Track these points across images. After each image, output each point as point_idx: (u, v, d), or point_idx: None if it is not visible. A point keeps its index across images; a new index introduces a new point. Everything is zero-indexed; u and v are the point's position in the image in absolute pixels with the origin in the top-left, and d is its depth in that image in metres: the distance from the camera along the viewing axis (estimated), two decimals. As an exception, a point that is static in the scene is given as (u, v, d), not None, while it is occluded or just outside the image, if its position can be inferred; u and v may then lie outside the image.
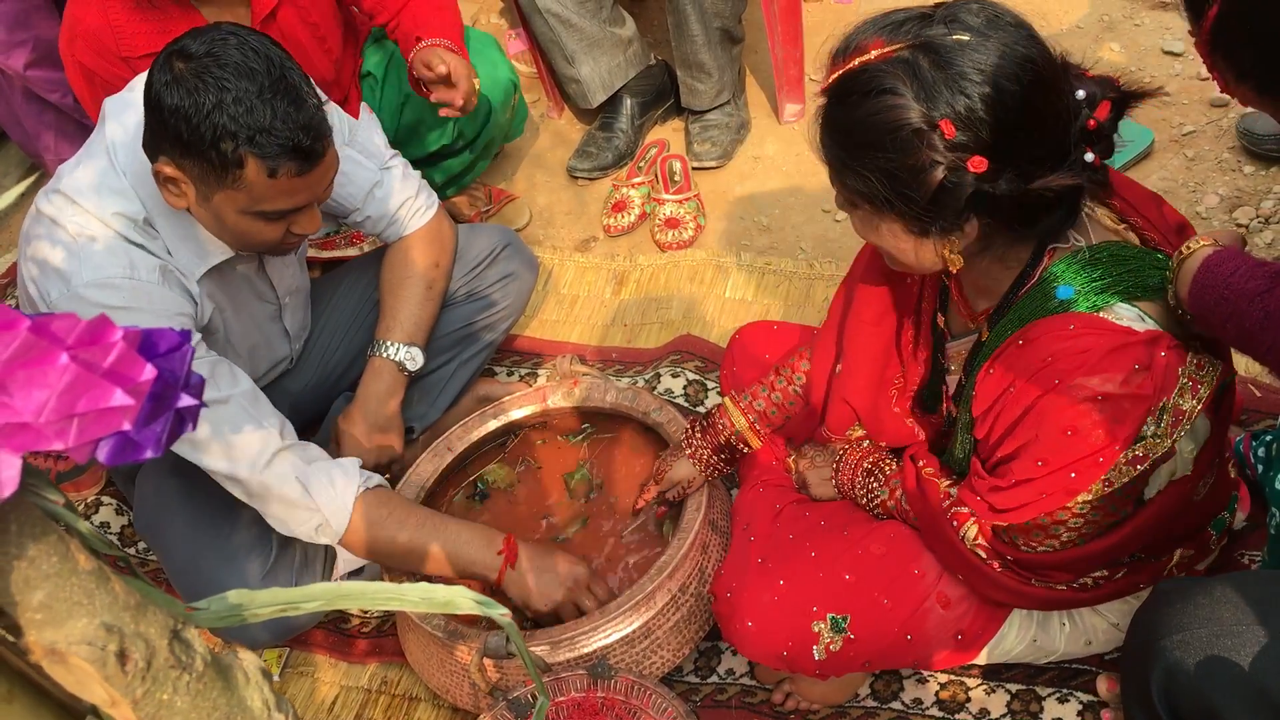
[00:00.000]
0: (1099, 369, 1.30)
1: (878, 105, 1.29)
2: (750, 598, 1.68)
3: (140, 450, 0.51)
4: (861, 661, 1.65)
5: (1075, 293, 1.35)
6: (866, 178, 1.34)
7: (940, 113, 1.26)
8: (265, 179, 1.64)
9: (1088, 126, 1.30)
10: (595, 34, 2.86)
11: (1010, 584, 1.54)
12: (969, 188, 1.27)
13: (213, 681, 0.59)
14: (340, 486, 1.86)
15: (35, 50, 2.87)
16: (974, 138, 1.26)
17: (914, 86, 1.27)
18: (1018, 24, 1.31)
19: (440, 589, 0.74)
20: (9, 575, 0.51)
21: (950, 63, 1.26)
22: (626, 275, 2.73)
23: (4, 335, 0.45)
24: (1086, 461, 1.35)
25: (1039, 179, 1.28)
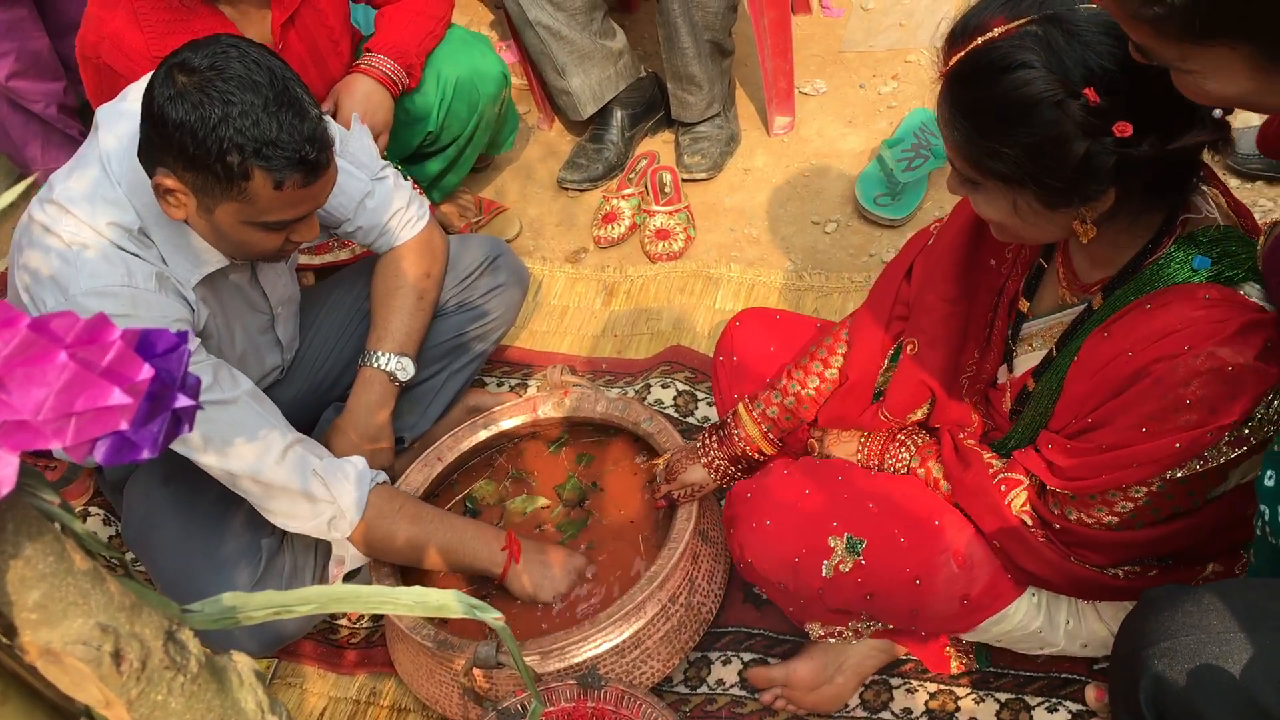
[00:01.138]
0: (1232, 341, 1.28)
1: (1013, 81, 1.26)
2: (774, 497, 1.67)
3: (137, 450, 0.51)
4: (865, 593, 1.63)
5: (1211, 265, 1.33)
6: (1004, 155, 1.31)
7: (1079, 81, 1.23)
8: (271, 191, 1.65)
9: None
10: (586, 46, 2.87)
11: (1049, 556, 1.52)
12: (1112, 155, 1.25)
13: (207, 683, 0.59)
14: (353, 480, 1.89)
15: (19, 61, 2.87)
16: (1115, 103, 1.23)
17: (1048, 58, 1.24)
18: None
19: (433, 593, 0.74)
20: (5, 574, 0.51)
21: (1080, 29, 1.24)
22: (616, 286, 2.73)
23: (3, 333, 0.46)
24: (1197, 433, 1.33)
25: (1177, 138, 1.26)
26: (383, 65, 2.39)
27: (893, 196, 2.67)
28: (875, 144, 2.86)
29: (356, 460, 1.94)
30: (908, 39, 3.17)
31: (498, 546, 1.94)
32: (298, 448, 1.85)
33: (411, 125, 2.54)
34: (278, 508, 1.87)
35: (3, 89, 2.91)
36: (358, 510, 1.88)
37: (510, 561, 1.93)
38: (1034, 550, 1.54)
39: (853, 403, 1.78)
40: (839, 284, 2.55)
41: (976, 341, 1.68)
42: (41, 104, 2.98)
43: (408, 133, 2.55)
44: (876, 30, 3.24)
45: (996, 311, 1.66)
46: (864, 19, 3.30)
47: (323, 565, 2.06)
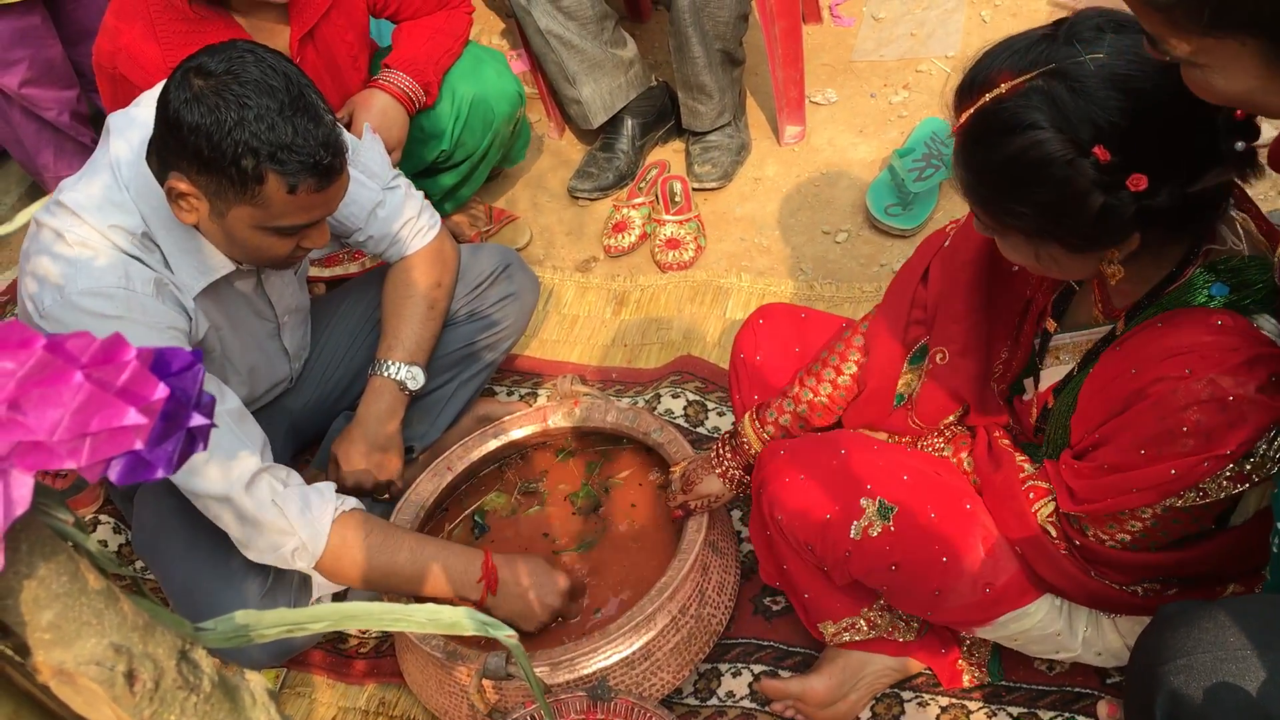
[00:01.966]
0: (1237, 371, 1.27)
1: (1023, 142, 1.25)
2: (808, 457, 1.65)
3: (152, 470, 0.51)
4: (890, 562, 1.60)
5: (1229, 292, 1.32)
6: (1022, 214, 1.31)
7: (1089, 139, 1.22)
8: (285, 195, 1.66)
9: (1235, 115, 1.24)
10: (597, 55, 2.87)
11: (1070, 569, 1.51)
12: (1131, 206, 1.24)
13: (220, 703, 0.59)
14: (316, 509, 1.84)
15: (31, 69, 2.88)
16: (1128, 156, 1.22)
17: (1055, 116, 1.23)
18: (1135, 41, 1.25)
19: (446, 610, 0.74)
20: (19, 594, 0.51)
21: (1086, 83, 1.23)
22: (627, 295, 2.73)
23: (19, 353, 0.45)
24: (1190, 460, 1.31)
25: (1197, 181, 1.25)
26: (400, 81, 2.39)
27: (904, 206, 2.67)
28: (886, 153, 2.86)
29: (325, 488, 1.88)
30: (919, 48, 3.16)
31: (473, 575, 1.88)
32: (265, 474, 1.80)
33: (426, 142, 2.55)
34: (241, 535, 1.83)
35: (16, 96, 2.92)
36: (320, 541, 1.83)
37: (486, 593, 1.88)
38: (1055, 562, 1.53)
39: (875, 409, 1.76)
40: (850, 294, 2.54)
41: (1004, 342, 1.66)
42: (54, 111, 2.99)
43: (422, 149, 2.56)
44: (888, 40, 3.24)
45: (1025, 315, 1.64)
46: (875, 28, 3.30)
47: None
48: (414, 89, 2.41)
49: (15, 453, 0.46)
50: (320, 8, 2.30)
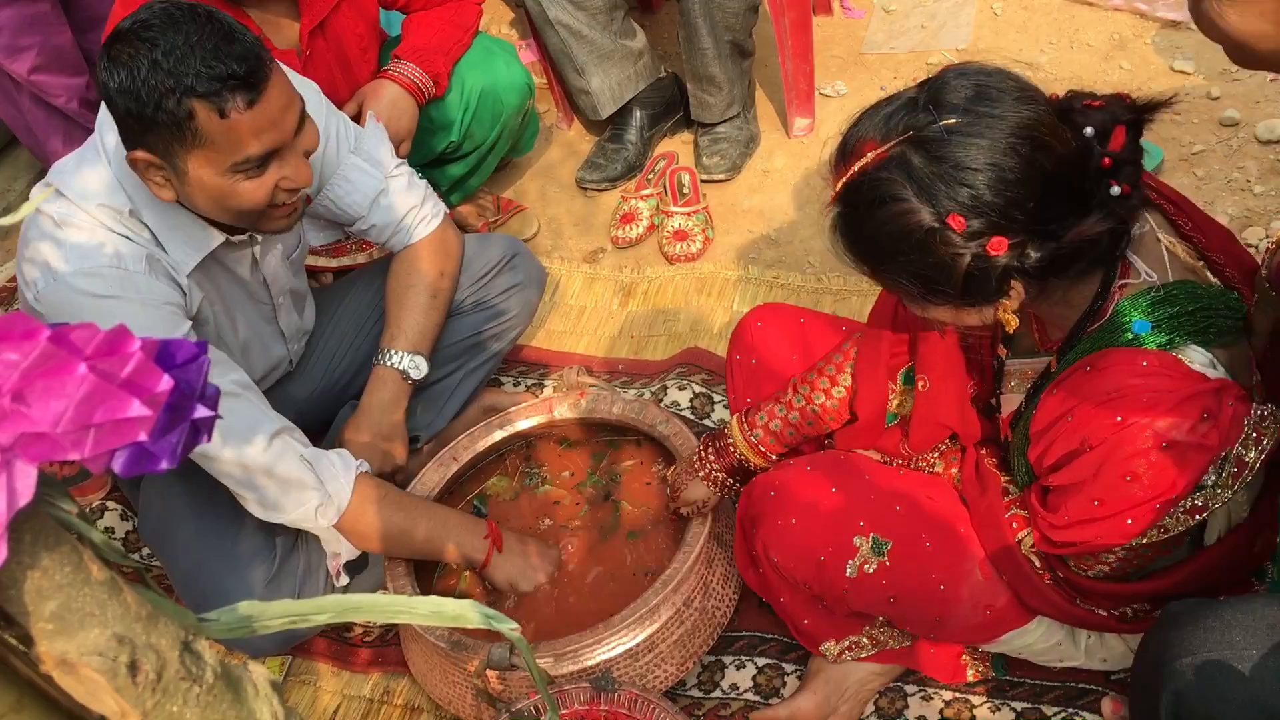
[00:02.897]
0: (1168, 412, 1.28)
1: (885, 215, 1.28)
2: (800, 495, 1.65)
3: (156, 461, 0.51)
4: (888, 595, 1.61)
5: (1151, 328, 1.32)
6: (898, 279, 1.34)
7: (945, 208, 1.24)
8: (219, 122, 1.61)
9: (1102, 165, 1.27)
10: (606, 46, 2.86)
11: (1055, 599, 1.53)
12: (998, 267, 1.26)
13: (222, 693, 0.59)
14: (339, 467, 1.90)
15: (41, 55, 2.88)
16: (987, 221, 1.24)
17: (916, 187, 1.25)
18: (1005, 87, 1.28)
19: (449, 603, 0.74)
20: (22, 585, 0.51)
21: (943, 153, 1.24)
22: (634, 287, 2.73)
23: (23, 344, 0.45)
24: (1143, 508, 1.33)
25: (1067, 235, 1.26)
26: (410, 73, 2.39)
27: (913, 200, 2.66)
28: (895, 147, 2.84)
29: (343, 451, 1.95)
30: (929, 41, 3.15)
31: (480, 536, 1.96)
32: (285, 435, 1.85)
33: (435, 133, 2.55)
34: (263, 497, 1.85)
35: (26, 83, 2.92)
36: (345, 496, 1.89)
37: (492, 550, 1.96)
38: (1040, 592, 1.54)
39: (867, 436, 1.79)
40: (857, 287, 2.54)
41: (976, 366, 1.67)
42: (64, 98, 2.99)
43: (431, 140, 2.55)
44: (898, 32, 3.23)
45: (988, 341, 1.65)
46: (885, 21, 3.29)
47: (338, 564, 2.06)
48: (423, 80, 2.40)
49: (19, 444, 0.46)
50: (330, 0, 2.30)
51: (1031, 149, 1.23)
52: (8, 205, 3.48)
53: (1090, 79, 2.86)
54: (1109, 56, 2.90)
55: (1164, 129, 2.66)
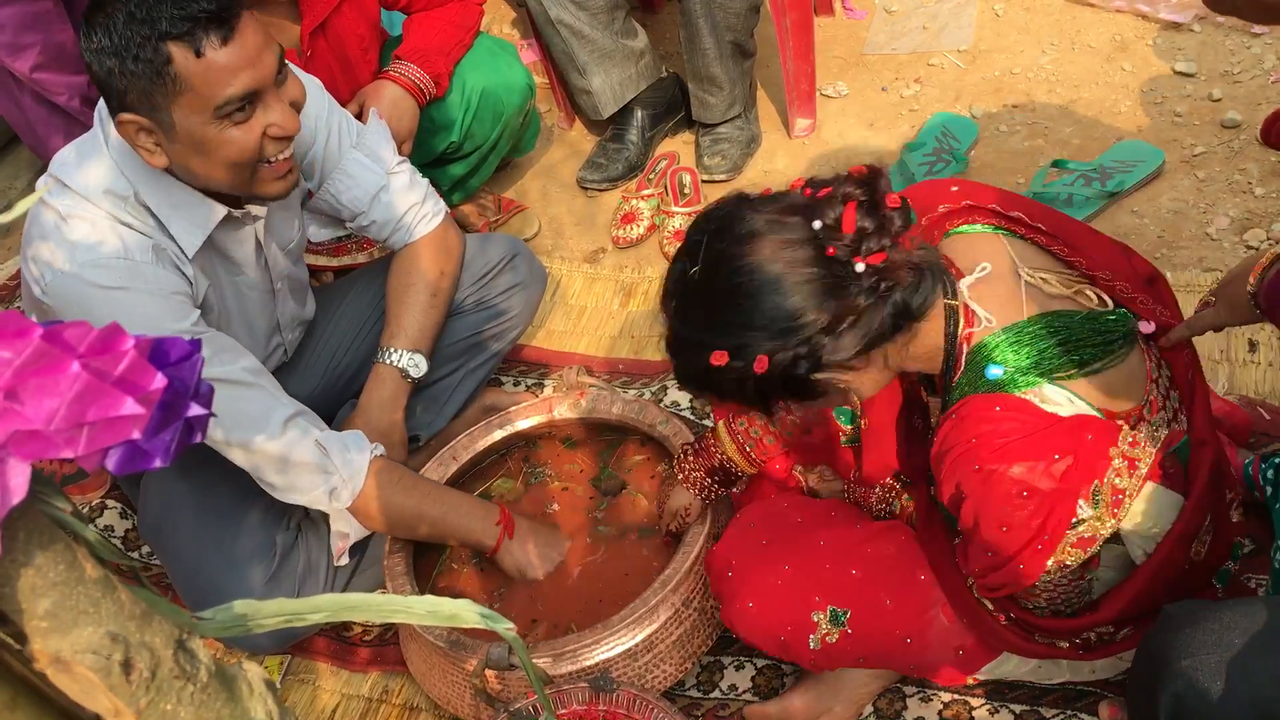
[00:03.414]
0: (1019, 456, 1.31)
1: (686, 361, 1.42)
2: (754, 579, 1.66)
3: (149, 459, 0.51)
4: (855, 657, 1.64)
5: (1005, 372, 1.34)
6: (738, 403, 1.45)
7: (706, 349, 1.36)
8: (196, 62, 1.61)
9: (828, 254, 1.32)
10: (607, 46, 2.86)
11: (1012, 639, 1.55)
12: (779, 376, 1.34)
13: (217, 692, 0.59)
14: (354, 450, 1.91)
15: (43, 53, 2.88)
16: (743, 348, 1.34)
17: (683, 336, 1.41)
18: (729, 217, 1.38)
19: (446, 602, 0.74)
20: (16, 583, 0.51)
21: (691, 301, 1.39)
22: (635, 287, 2.73)
23: (16, 342, 0.45)
24: (1028, 552, 1.36)
25: (843, 324, 1.31)
26: (410, 73, 2.39)
27: (913, 201, 2.66)
28: (897, 147, 2.85)
29: (357, 434, 1.95)
30: (931, 42, 3.15)
31: (491, 521, 1.98)
32: (299, 419, 1.86)
33: (436, 133, 2.55)
34: (279, 480, 1.87)
35: (28, 81, 2.92)
36: (359, 480, 1.90)
37: (504, 536, 1.97)
38: (997, 634, 1.55)
39: (823, 454, 1.82)
40: (858, 288, 2.53)
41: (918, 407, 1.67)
42: (65, 96, 2.99)
43: (432, 140, 2.55)
44: (900, 33, 3.23)
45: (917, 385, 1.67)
46: (887, 21, 3.29)
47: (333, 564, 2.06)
48: (424, 80, 2.41)
49: (12, 441, 0.46)
50: (331, 1, 2.30)
51: (751, 272, 1.32)
52: (9, 202, 3.48)
53: (1092, 80, 2.85)
54: (1111, 58, 2.90)
55: (1165, 131, 2.65)
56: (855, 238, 1.31)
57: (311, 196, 2.11)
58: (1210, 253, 2.36)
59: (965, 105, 2.91)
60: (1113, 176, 2.52)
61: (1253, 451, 1.92)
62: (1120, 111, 2.75)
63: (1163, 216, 2.47)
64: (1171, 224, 2.45)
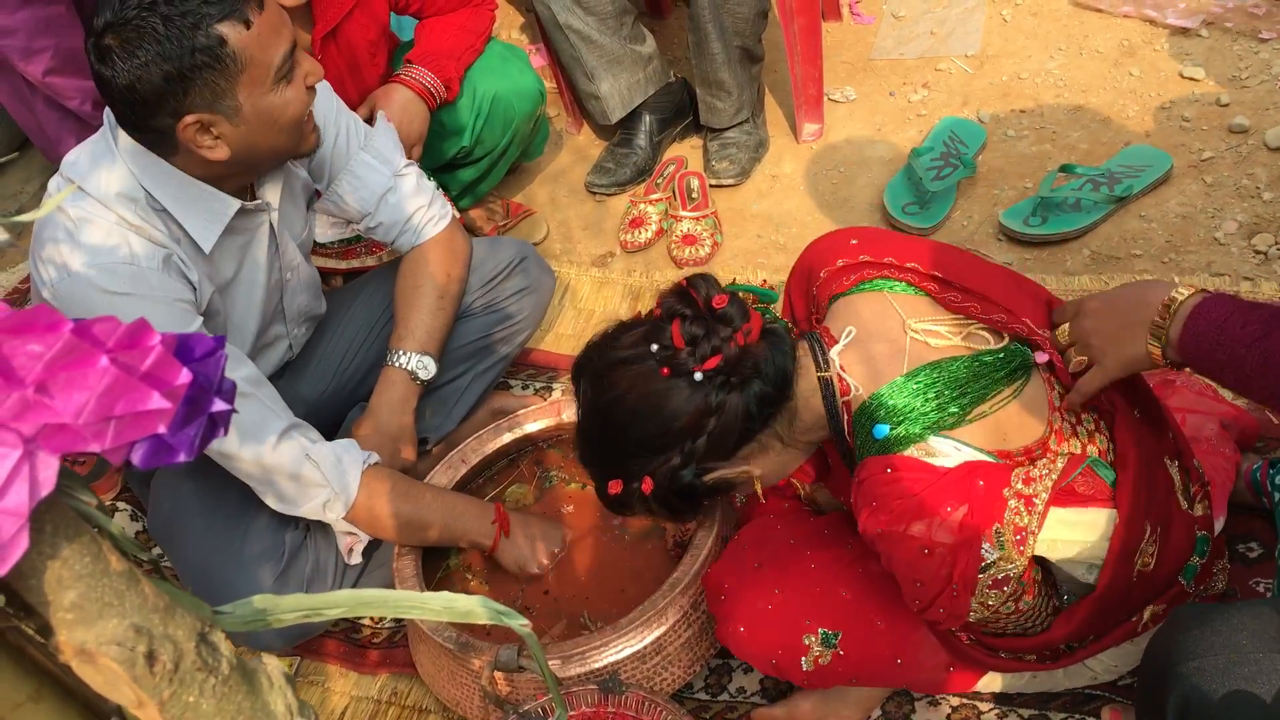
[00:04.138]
0: (915, 516, 1.33)
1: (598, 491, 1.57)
2: (746, 603, 1.68)
3: (174, 454, 0.52)
4: (849, 677, 1.65)
5: (890, 430, 1.37)
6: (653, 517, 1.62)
7: (601, 478, 1.52)
8: (247, 34, 1.64)
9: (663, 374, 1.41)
10: (616, 51, 2.87)
11: (981, 658, 1.57)
12: (668, 490, 1.44)
13: (238, 685, 0.60)
14: (346, 462, 1.91)
15: (55, 58, 2.89)
16: (622, 472, 1.47)
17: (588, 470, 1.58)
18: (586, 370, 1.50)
19: (461, 599, 0.75)
20: (43, 575, 0.52)
21: (584, 447, 1.54)
22: (643, 291, 2.73)
23: (47, 337, 0.46)
24: (944, 597, 1.38)
25: (699, 433, 1.40)
26: (422, 77, 2.41)
27: (921, 205, 2.66)
28: (904, 152, 2.85)
29: (349, 443, 1.96)
30: (939, 47, 3.16)
31: (488, 520, 2.00)
32: (294, 432, 1.87)
33: (446, 138, 2.56)
34: (274, 491, 1.88)
35: (40, 85, 2.94)
36: (352, 491, 1.91)
37: (500, 534, 1.99)
38: (965, 654, 1.57)
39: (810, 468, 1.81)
40: (866, 292, 2.54)
41: None
42: (77, 100, 3.00)
43: (442, 145, 2.57)
44: (907, 38, 3.23)
45: None
46: (895, 26, 3.29)
47: (343, 564, 2.06)
48: (435, 84, 2.42)
49: (42, 435, 0.47)
50: (344, 7, 2.31)
51: (623, 407, 1.43)
52: (21, 206, 3.50)
53: (1100, 86, 2.86)
54: (1118, 63, 2.90)
55: (1173, 136, 2.66)
56: (689, 349, 1.38)
57: (319, 196, 2.12)
58: (1218, 257, 2.36)
59: (973, 110, 2.92)
60: (1120, 181, 2.52)
61: (1260, 456, 1.92)
62: (1128, 116, 2.75)
63: (1170, 221, 2.48)
64: (1179, 229, 2.45)
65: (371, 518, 1.94)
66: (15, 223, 0.53)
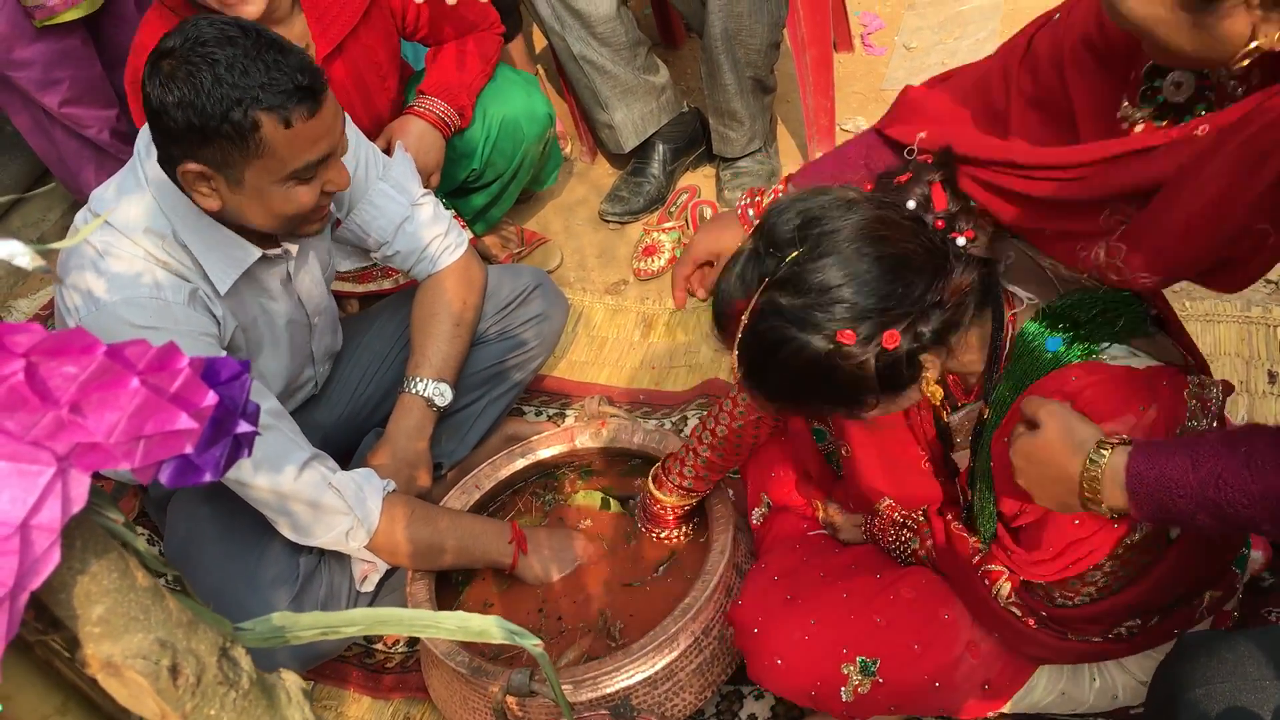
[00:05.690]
0: (1109, 414, 1.29)
1: (782, 359, 1.32)
2: (780, 635, 1.67)
3: (200, 473, 0.54)
4: (888, 705, 1.64)
5: (1063, 343, 1.35)
6: (824, 408, 1.40)
7: (831, 329, 1.28)
8: (283, 132, 1.66)
9: (937, 227, 1.33)
10: (629, 81, 2.91)
11: (1046, 640, 1.53)
12: (902, 354, 1.30)
13: (258, 699, 0.61)
14: (367, 491, 1.93)
15: (72, 88, 2.95)
16: (872, 323, 1.28)
17: (794, 325, 1.29)
18: (825, 204, 1.33)
19: (475, 618, 0.76)
20: (72, 589, 0.54)
21: (803, 284, 1.29)
22: (655, 319, 2.76)
23: (80, 359, 0.48)
24: None
25: (946, 298, 1.31)
26: (435, 108, 2.45)
27: (932, 234, 2.68)
28: (915, 182, 2.87)
29: (367, 472, 1.98)
30: (950, 78, 3.18)
31: (505, 540, 2.02)
32: (314, 464, 1.89)
33: (457, 161, 2.59)
34: (291, 520, 1.90)
35: (58, 115, 2.99)
36: (373, 520, 1.93)
37: (518, 553, 2.02)
38: (1029, 637, 1.55)
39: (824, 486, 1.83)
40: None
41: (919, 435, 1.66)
42: (95, 129, 3.05)
43: (453, 169, 2.60)
44: (919, 69, 3.26)
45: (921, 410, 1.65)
46: (906, 58, 3.32)
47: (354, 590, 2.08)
48: (449, 114, 2.46)
49: (75, 453, 0.49)
50: (346, 25, 2.34)
51: (874, 245, 1.29)
52: (42, 235, 3.54)
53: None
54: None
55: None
56: (947, 215, 1.33)
57: (339, 225, 2.15)
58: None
59: (983, 140, 2.93)
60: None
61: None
62: (1138, 147, 2.77)
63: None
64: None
65: (392, 544, 1.95)
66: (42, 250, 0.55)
